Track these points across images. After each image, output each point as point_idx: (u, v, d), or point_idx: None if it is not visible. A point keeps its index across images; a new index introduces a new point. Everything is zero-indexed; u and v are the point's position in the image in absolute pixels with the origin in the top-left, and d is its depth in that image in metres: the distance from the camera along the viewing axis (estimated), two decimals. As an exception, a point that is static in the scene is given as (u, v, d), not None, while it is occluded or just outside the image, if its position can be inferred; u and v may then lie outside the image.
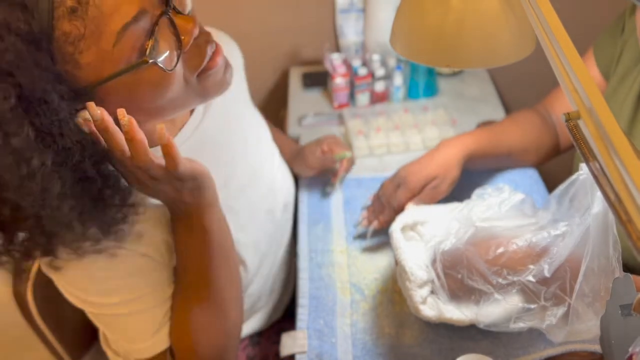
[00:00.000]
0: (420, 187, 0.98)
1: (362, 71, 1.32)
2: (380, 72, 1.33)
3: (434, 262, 0.82)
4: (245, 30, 1.49)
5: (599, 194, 0.72)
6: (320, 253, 1.01)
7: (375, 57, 1.35)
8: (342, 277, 0.97)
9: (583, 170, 0.76)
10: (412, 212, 0.91)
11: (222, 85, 0.71)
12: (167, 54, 0.62)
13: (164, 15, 0.61)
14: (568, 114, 0.43)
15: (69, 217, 0.59)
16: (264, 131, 1.01)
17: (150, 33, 0.60)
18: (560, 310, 0.76)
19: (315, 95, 1.43)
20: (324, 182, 1.15)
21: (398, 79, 1.33)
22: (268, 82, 1.60)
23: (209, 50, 0.67)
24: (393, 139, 1.21)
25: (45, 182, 0.56)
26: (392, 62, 1.34)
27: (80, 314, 0.80)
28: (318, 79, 1.45)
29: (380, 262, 0.99)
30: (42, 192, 0.56)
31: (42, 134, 0.55)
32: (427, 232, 0.88)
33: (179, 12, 0.63)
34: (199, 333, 0.78)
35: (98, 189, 0.62)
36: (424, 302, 0.83)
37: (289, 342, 0.88)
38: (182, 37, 0.63)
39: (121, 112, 0.60)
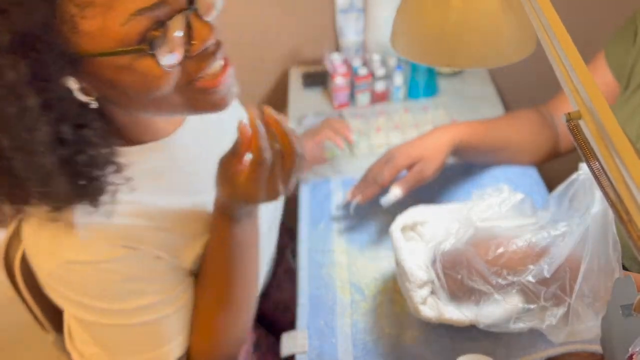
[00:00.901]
0: (406, 165, 1.00)
1: (362, 71, 1.32)
2: (380, 72, 1.33)
3: (433, 262, 0.82)
4: (245, 30, 1.49)
5: (598, 194, 0.72)
6: (320, 252, 1.01)
7: (376, 57, 1.35)
8: (342, 277, 0.97)
9: (582, 171, 0.76)
10: (412, 213, 0.91)
11: (219, 106, 0.67)
12: (170, 51, 0.58)
13: (183, 12, 0.57)
14: (569, 114, 0.43)
15: (49, 167, 0.57)
16: None
17: (162, 25, 0.56)
18: (560, 311, 0.76)
19: (315, 95, 1.43)
20: (323, 182, 1.15)
21: (398, 79, 1.33)
22: (268, 82, 1.60)
23: (213, 64, 0.63)
24: (393, 139, 1.21)
25: (31, 125, 0.53)
26: (392, 62, 1.34)
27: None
28: (318, 79, 1.45)
29: (380, 262, 0.98)
30: (26, 133, 0.54)
31: (34, 78, 0.53)
32: (427, 233, 0.88)
33: (199, 16, 0.60)
34: (219, 335, 0.78)
35: (73, 152, 0.59)
36: (423, 302, 0.83)
37: (289, 342, 0.88)
38: (193, 42, 0.59)
39: (269, 114, 0.66)
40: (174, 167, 0.76)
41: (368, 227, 1.05)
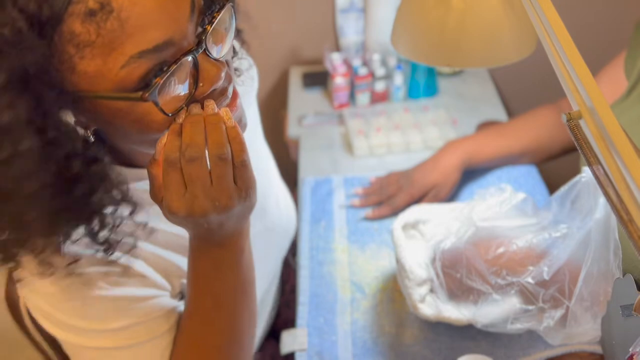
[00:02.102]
0: (421, 194, 1.05)
1: (363, 71, 1.32)
2: (380, 71, 1.33)
3: (433, 260, 0.82)
4: (245, 29, 1.49)
5: (602, 199, 0.72)
6: (321, 251, 1.02)
7: (376, 57, 1.35)
8: (343, 275, 0.97)
9: (586, 173, 0.76)
10: (414, 211, 0.91)
11: None
12: (174, 94, 0.54)
13: (190, 54, 0.53)
14: (569, 113, 0.43)
15: (47, 209, 0.53)
16: (272, 165, 0.98)
17: (165, 71, 0.52)
18: (558, 313, 0.76)
19: (315, 95, 1.43)
20: (325, 180, 1.15)
21: (398, 79, 1.33)
22: (268, 82, 1.60)
23: (222, 103, 0.58)
24: (393, 139, 1.21)
25: (27, 168, 0.50)
26: (392, 62, 1.34)
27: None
28: (318, 79, 1.45)
29: (381, 261, 0.99)
30: (21, 177, 0.50)
31: (32, 119, 0.49)
32: (429, 231, 0.88)
33: (208, 55, 0.55)
34: None
35: (85, 190, 0.55)
36: (422, 300, 0.83)
37: (289, 340, 0.88)
38: (200, 84, 0.55)
39: (226, 112, 0.55)
40: None
41: (369, 225, 1.05)
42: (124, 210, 0.61)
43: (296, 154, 1.28)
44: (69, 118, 0.53)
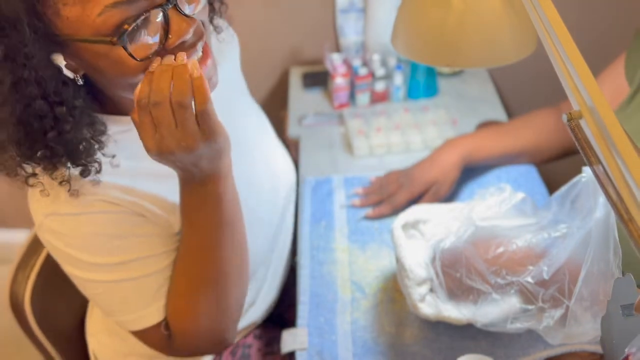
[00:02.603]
0: (421, 191, 1.05)
1: (363, 71, 1.32)
2: (380, 71, 1.33)
3: (433, 260, 0.83)
4: (245, 29, 1.49)
5: (602, 198, 0.72)
6: (321, 251, 1.02)
7: (376, 57, 1.35)
8: (343, 275, 0.97)
9: (586, 173, 0.76)
10: (414, 211, 0.91)
11: None
12: (144, 42, 0.61)
13: (161, 8, 0.60)
14: (570, 113, 0.43)
15: (13, 136, 0.62)
16: (263, 121, 1.02)
17: (134, 19, 0.59)
18: (557, 313, 0.76)
19: (315, 95, 1.43)
20: (325, 180, 1.15)
21: (398, 79, 1.33)
22: (268, 82, 1.60)
23: (192, 56, 0.65)
24: (393, 139, 1.22)
25: (1, 100, 0.59)
26: (392, 62, 1.35)
27: (77, 319, 0.79)
28: (318, 79, 1.45)
29: (381, 261, 0.99)
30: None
31: (9, 58, 0.58)
32: (429, 231, 0.88)
33: (179, 10, 0.62)
34: (201, 317, 0.78)
35: (48, 126, 0.63)
36: (422, 300, 0.83)
37: (289, 339, 0.88)
38: (170, 36, 0.62)
39: (193, 64, 0.61)
40: None
41: (369, 225, 1.06)
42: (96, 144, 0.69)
43: (296, 154, 1.28)
44: (60, 61, 0.62)
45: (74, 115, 0.65)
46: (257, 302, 1.01)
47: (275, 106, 1.60)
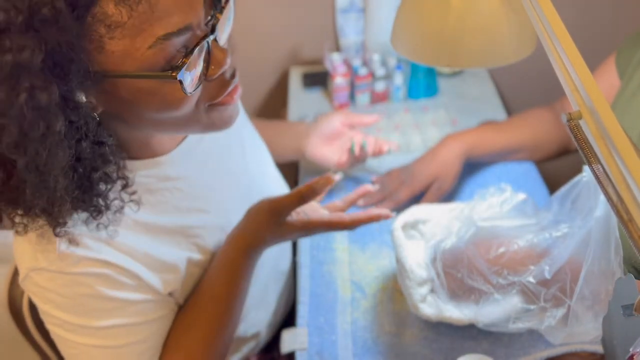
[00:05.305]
0: (423, 187, 1.05)
1: (363, 71, 1.32)
2: (380, 71, 1.33)
3: (434, 260, 0.82)
4: (245, 29, 1.49)
5: (602, 197, 0.72)
6: (321, 250, 1.02)
7: (376, 57, 1.35)
8: (343, 275, 0.97)
9: (586, 173, 0.76)
10: (414, 211, 0.91)
11: (229, 122, 0.69)
12: (192, 76, 0.59)
13: (205, 39, 0.59)
14: (570, 113, 0.43)
15: (63, 191, 0.57)
16: (259, 143, 1.00)
17: (189, 52, 0.57)
18: (559, 312, 0.76)
19: (315, 95, 1.43)
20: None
21: (398, 79, 1.33)
22: (268, 82, 1.60)
23: (231, 86, 0.66)
24: (393, 139, 1.21)
25: (54, 149, 0.53)
26: (392, 62, 1.34)
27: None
28: (318, 79, 1.45)
29: (381, 261, 0.99)
30: (48, 157, 0.53)
31: (64, 100, 0.52)
32: (429, 231, 0.88)
33: (217, 42, 0.62)
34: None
35: (89, 170, 0.60)
36: (423, 300, 0.83)
37: (289, 339, 0.88)
38: (212, 67, 0.62)
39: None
40: (168, 185, 0.75)
41: (369, 225, 1.05)
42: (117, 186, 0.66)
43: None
44: (80, 99, 0.56)
45: (114, 155, 0.62)
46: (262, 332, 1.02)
47: (275, 106, 1.60)
